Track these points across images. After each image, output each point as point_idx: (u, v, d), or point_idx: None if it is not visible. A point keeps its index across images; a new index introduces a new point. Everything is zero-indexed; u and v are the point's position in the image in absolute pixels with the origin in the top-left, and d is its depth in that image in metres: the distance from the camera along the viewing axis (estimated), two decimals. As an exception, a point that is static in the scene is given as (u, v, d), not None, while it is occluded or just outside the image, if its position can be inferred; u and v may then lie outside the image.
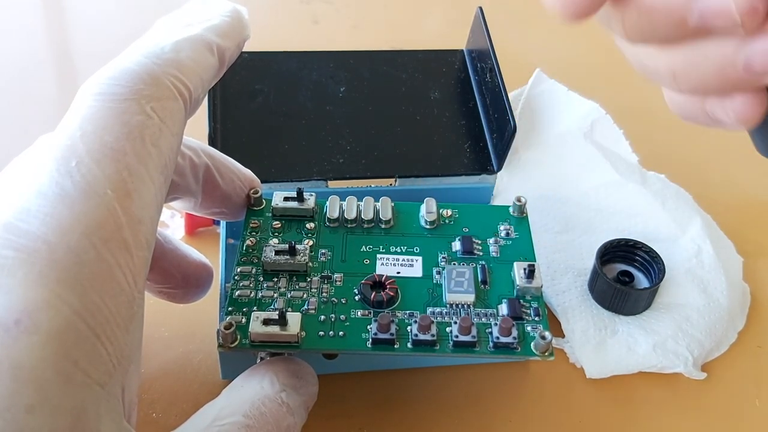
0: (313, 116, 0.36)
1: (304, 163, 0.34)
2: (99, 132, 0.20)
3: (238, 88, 0.36)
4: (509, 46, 0.41)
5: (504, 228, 0.29)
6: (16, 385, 0.17)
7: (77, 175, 0.19)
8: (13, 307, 0.17)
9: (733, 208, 0.39)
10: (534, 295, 0.27)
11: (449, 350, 0.25)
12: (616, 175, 0.38)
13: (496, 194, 0.37)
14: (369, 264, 0.28)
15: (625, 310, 0.33)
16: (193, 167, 0.26)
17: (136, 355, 0.20)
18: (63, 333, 0.17)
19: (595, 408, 0.31)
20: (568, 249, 0.36)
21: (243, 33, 0.25)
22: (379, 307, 0.26)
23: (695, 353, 0.32)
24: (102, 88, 0.21)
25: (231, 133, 0.34)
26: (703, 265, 0.34)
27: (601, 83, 0.47)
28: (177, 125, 0.22)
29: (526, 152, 0.39)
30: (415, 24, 0.52)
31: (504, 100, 0.34)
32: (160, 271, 0.27)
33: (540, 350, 0.25)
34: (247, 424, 0.22)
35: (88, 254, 0.18)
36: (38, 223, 0.18)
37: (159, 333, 0.32)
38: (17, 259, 0.18)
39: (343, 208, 0.29)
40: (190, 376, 0.30)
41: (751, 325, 0.34)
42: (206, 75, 0.23)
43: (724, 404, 0.31)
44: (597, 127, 0.40)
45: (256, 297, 0.26)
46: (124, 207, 0.19)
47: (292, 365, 0.25)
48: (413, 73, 0.38)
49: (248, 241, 0.28)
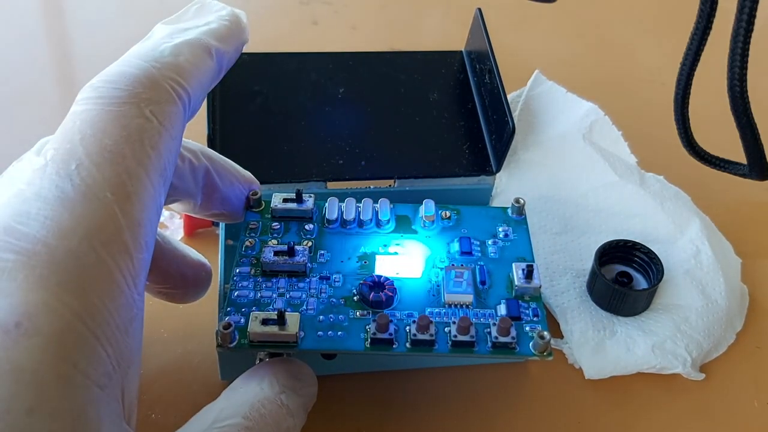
0: (312, 117, 0.36)
1: (303, 165, 0.34)
2: (98, 135, 0.20)
3: (237, 90, 0.36)
4: (508, 47, 0.41)
5: (503, 229, 0.29)
6: (17, 388, 0.17)
7: (77, 179, 0.19)
8: (14, 310, 0.17)
9: (732, 209, 0.39)
10: (533, 295, 0.27)
11: (448, 350, 0.25)
12: (615, 176, 0.38)
13: (495, 195, 0.38)
14: (367, 265, 0.28)
15: (624, 311, 0.33)
16: (193, 170, 0.26)
17: (136, 357, 0.20)
18: (63, 335, 0.17)
19: (594, 409, 0.31)
20: (567, 250, 0.36)
21: (241, 37, 0.25)
22: (377, 308, 0.26)
23: (694, 354, 0.32)
24: (101, 92, 0.21)
25: (230, 134, 0.34)
26: (702, 266, 0.35)
27: (600, 84, 0.47)
28: (176, 128, 0.22)
29: (525, 153, 0.40)
30: (414, 25, 0.52)
31: (503, 101, 0.34)
32: (158, 272, 0.27)
33: (539, 350, 0.25)
34: (247, 426, 0.22)
35: (88, 257, 0.19)
36: (38, 226, 0.18)
37: (158, 334, 0.32)
38: (17, 262, 0.18)
39: (342, 209, 0.29)
40: (189, 377, 0.30)
41: (750, 326, 0.34)
42: (205, 78, 0.23)
43: (723, 405, 0.31)
44: (596, 128, 0.41)
45: (255, 298, 0.26)
46: (124, 210, 0.20)
47: (291, 367, 0.25)
48: (412, 74, 0.38)
49: (247, 242, 0.28)
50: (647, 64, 0.49)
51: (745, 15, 0.25)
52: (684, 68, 0.29)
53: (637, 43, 0.51)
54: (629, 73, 0.49)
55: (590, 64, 0.50)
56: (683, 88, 0.29)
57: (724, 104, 0.31)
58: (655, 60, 0.49)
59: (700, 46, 0.28)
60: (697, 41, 0.28)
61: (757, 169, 0.28)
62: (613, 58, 0.50)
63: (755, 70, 0.31)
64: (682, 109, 0.30)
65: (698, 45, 0.28)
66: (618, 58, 0.50)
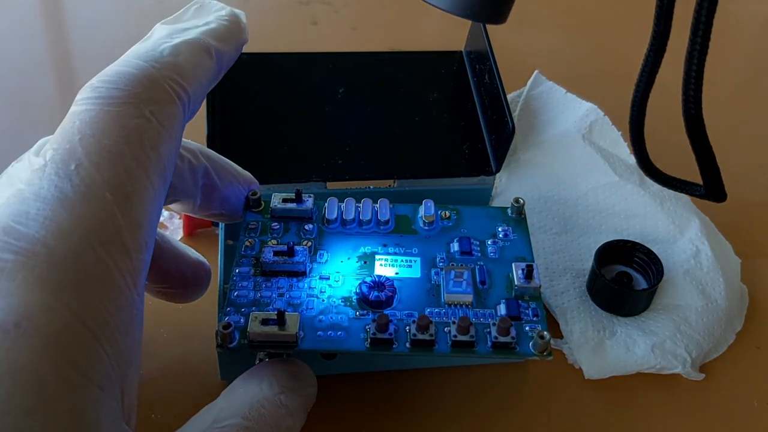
0: (312, 117, 0.36)
1: (303, 165, 0.34)
2: (98, 135, 0.20)
3: (237, 90, 0.36)
4: (508, 47, 0.41)
5: (502, 229, 0.29)
6: (16, 388, 0.17)
7: (76, 179, 0.19)
8: (13, 310, 0.17)
9: (732, 209, 0.39)
10: (532, 295, 0.27)
11: (448, 350, 0.25)
12: (615, 176, 0.38)
13: (495, 195, 0.38)
14: (367, 265, 0.28)
15: (624, 311, 0.33)
16: (192, 170, 0.26)
17: (135, 357, 0.20)
18: (62, 336, 0.17)
19: (594, 409, 0.31)
20: (567, 250, 0.36)
21: (241, 37, 0.25)
22: (377, 308, 0.26)
23: (693, 354, 0.32)
24: (100, 92, 0.21)
25: (230, 134, 0.34)
26: (702, 266, 0.35)
27: (600, 85, 0.47)
28: (175, 129, 0.22)
29: (524, 153, 0.40)
30: (413, 25, 0.52)
31: (502, 101, 0.34)
32: (158, 272, 0.27)
33: (538, 349, 0.25)
34: (247, 426, 0.22)
35: (88, 257, 0.19)
36: (38, 227, 0.18)
37: (158, 334, 0.32)
38: (17, 263, 0.18)
39: (342, 210, 0.29)
40: (188, 377, 0.30)
41: (750, 326, 0.34)
42: (204, 79, 0.23)
43: (723, 405, 0.31)
44: (595, 128, 0.41)
45: (255, 298, 0.26)
46: (123, 210, 0.20)
47: (291, 367, 0.25)
48: (412, 74, 0.38)
49: (247, 242, 0.28)
50: (647, 64, 0.49)
51: (699, 38, 0.25)
52: (638, 90, 0.29)
53: (637, 43, 0.51)
54: (629, 73, 0.48)
55: (590, 64, 0.50)
56: (637, 110, 0.29)
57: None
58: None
59: (654, 68, 0.28)
60: (651, 63, 0.28)
61: (714, 192, 0.28)
62: (613, 58, 0.50)
63: (756, 70, 0.31)
64: (637, 130, 0.30)
65: (652, 66, 0.28)
66: (618, 58, 0.50)
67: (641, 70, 0.28)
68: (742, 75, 0.50)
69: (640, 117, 0.29)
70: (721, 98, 0.31)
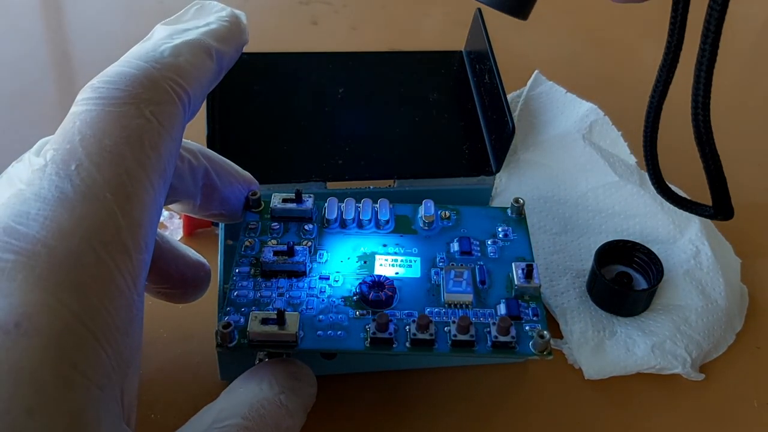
0: (312, 117, 0.36)
1: (303, 165, 0.34)
2: (98, 136, 0.20)
3: (237, 90, 0.36)
4: (508, 47, 0.41)
5: (502, 229, 0.29)
6: (16, 388, 0.17)
7: (77, 179, 0.19)
8: (13, 310, 0.17)
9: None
10: (532, 295, 0.27)
11: (447, 350, 0.25)
12: (615, 176, 0.38)
13: (495, 195, 0.38)
14: (367, 265, 0.28)
15: (624, 311, 0.33)
16: (192, 170, 0.26)
17: (135, 357, 0.20)
18: (62, 336, 0.17)
19: (594, 409, 0.31)
20: (567, 250, 0.36)
21: (241, 38, 0.25)
22: (377, 307, 0.26)
23: (693, 354, 0.32)
24: (101, 92, 0.21)
25: (230, 134, 0.34)
26: (702, 266, 0.35)
27: (600, 85, 0.47)
28: (176, 129, 0.22)
29: (524, 153, 0.40)
30: (413, 25, 0.52)
31: (502, 101, 0.34)
32: (158, 272, 0.27)
33: (538, 349, 0.25)
34: (246, 426, 0.23)
35: (88, 258, 0.19)
36: (38, 227, 0.18)
37: (157, 334, 0.32)
38: (17, 263, 0.18)
39: (342, 210, 0.29)
40: (188, 377, 0.30)
41: (750, 327, 0.34)
42: (205, 79, 0.23)
43: (722, 405, 0.31)
44: (595, 128, 0.41)
45: (255, 297, 0.26)
46: (124, 210, 0.20)
47: (290, 367, 0.25)
48: (412, 74, 0.38)
49: (247, 243, 0.28)
50: (647, 64, 0.49)
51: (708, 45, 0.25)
52: (652, 102, 0.29)
53: (637, 43, 0.51)
54: (629, 73, 0.49)
55: (590, 64, 0.50)
56: (651, 127, 0.29)
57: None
58: (655, 60, 0.49)
59: (668, 79, 0.28)
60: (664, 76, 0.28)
61: (722, 210, 0.28)
62: (613, 58, 0.50)
63: (756, 70, 0.31)
64: (651, 148, 0.29)
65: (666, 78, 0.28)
66: (618, 58, 0.50)
67: (654, 86, 0.28)
68: (742, 75, 0.50)
69: (653, 134, 0.29)
70: (721, 98, 0.31)
